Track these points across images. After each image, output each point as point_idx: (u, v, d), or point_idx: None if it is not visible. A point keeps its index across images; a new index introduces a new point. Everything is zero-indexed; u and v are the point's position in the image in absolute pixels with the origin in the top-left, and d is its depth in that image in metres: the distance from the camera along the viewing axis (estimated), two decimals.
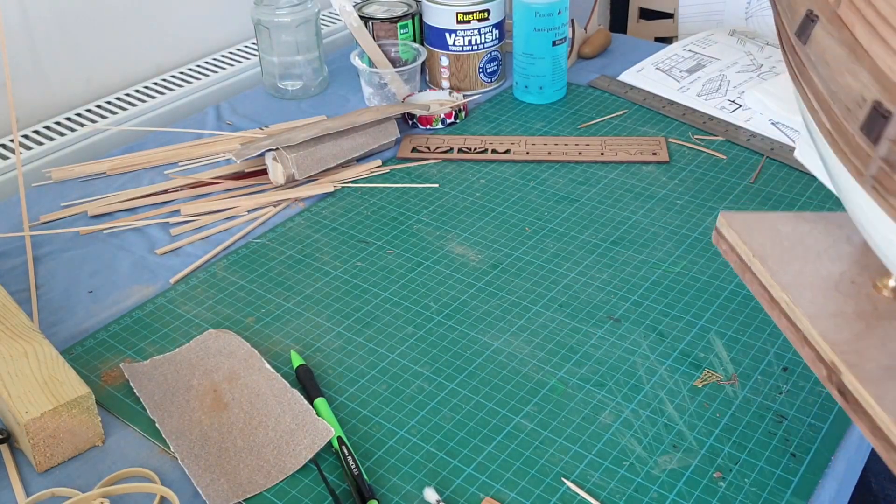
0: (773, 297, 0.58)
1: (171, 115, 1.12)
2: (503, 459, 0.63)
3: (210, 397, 0.68)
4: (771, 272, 0.59)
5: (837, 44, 0.49)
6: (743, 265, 0.62)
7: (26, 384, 0.64)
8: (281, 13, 1.09)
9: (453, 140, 1.02)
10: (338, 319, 0.76)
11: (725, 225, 0.64)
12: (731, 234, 0.63)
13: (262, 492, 0.61)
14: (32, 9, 1.04)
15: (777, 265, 0.60)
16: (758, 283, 0.60)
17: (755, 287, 0.60)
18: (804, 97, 0.55)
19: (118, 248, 0.86)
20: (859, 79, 0.46)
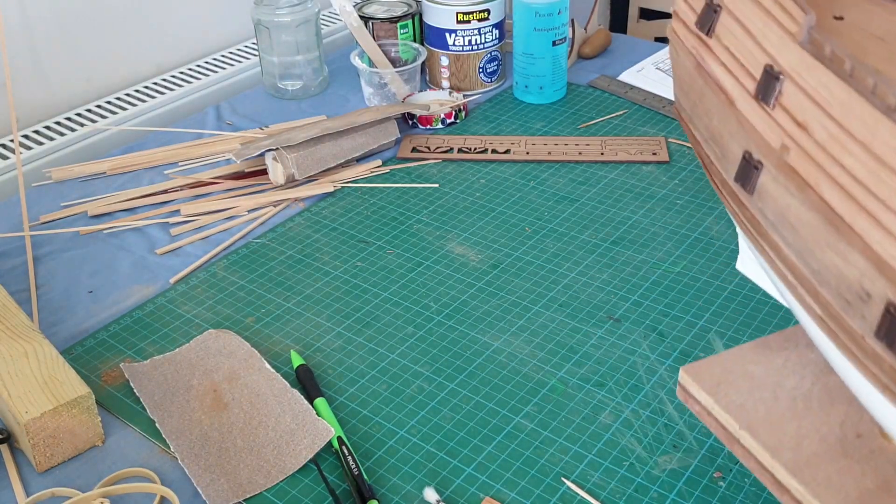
0: (779, 481, 0.51)
1: (171, 115, 1.12)
2: (503, 459, 0.63)
3: (210, 397, 0.68)
4: (769, 449, 0.51)
5: (803, 207, 0.44)
6: (728, 436, 0.54)
7: (26, 384, 0.64)
8: (281, 13, 1.09)
9: (453, 140, 1.02)
10: (338, 319, 0.76)
11: (692, 384, 0.57)
12: (702, 396, 0.56)
13: (262, 492, 0.61)
14: (32, 9, 1.04)
15: (769, 434, 0.52)
16: (754, 460, 0.53)
17: (750, 463, 0.53)
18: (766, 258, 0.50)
19: (118, 248, 0.86)
20: (850, 262, 0.41)
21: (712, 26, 0.55)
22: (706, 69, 0.55)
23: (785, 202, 0.47)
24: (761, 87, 0.49)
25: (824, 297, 0.44)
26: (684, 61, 0.58)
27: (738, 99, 0.52)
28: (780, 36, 0.48)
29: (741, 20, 0.52)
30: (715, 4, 0.55)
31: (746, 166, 0.50)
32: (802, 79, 0.45)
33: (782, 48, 0.47)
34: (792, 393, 0.55)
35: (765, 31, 0.49)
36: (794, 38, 0.46)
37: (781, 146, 0.47)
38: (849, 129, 0.42)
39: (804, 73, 0.45)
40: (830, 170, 0.43)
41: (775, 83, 0.48)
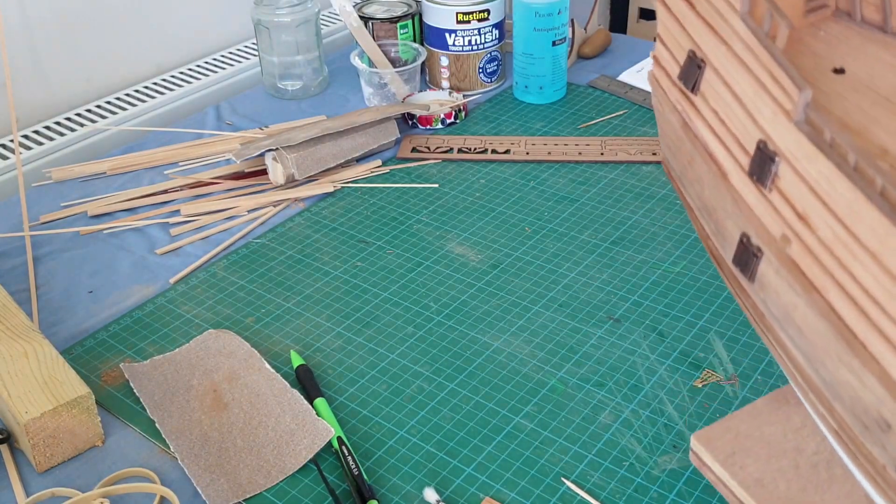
0: None
1: (171, 115, 1.12)
2: (503, 459, 0.63)
3: (210, 397, 0.68)
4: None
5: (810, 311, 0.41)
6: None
7: (26, 384, 0.64)
8: (281, 13, 1.09)
9: (453, 140, 1.02)
10: (338, 319, 0.76)
11: (705, 452, 0.53)
12: (716, 467, 0.52)
13: (262, 492, 0.61)
14: (32, 9, 1.04)
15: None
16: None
17: None
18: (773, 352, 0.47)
19: (118, 248, 0.86)
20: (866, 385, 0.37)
21: (697, 83, 0.50)
22: (693, 130, 0.51)
23: (790, 300, 0.43)
24: (756, 166, 0.45)
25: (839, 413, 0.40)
26: (669, 117, 0.54)
27: (731, 173, 0.48)
28: (773, 111, 0.44)
29: (729, 83, 0.48)
30: (698, 59, 0.50)
31: (745, 251, 0.47)
32: (800, 165, 0.42)
33: (776, 126, 0.43)
34: (813, 459, 0.50)
35: (756, 101, 0.45)
36: (789, 116, 0.42)
37: (782, 236, 0.43)
38: (856, 233, 0.38)
39: (802, 159, 0.41)
40: (838, 276, 0.39)
41: (770, 164, 0.44)
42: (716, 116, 0.49)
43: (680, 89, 0.52)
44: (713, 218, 0.51)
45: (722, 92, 0.48)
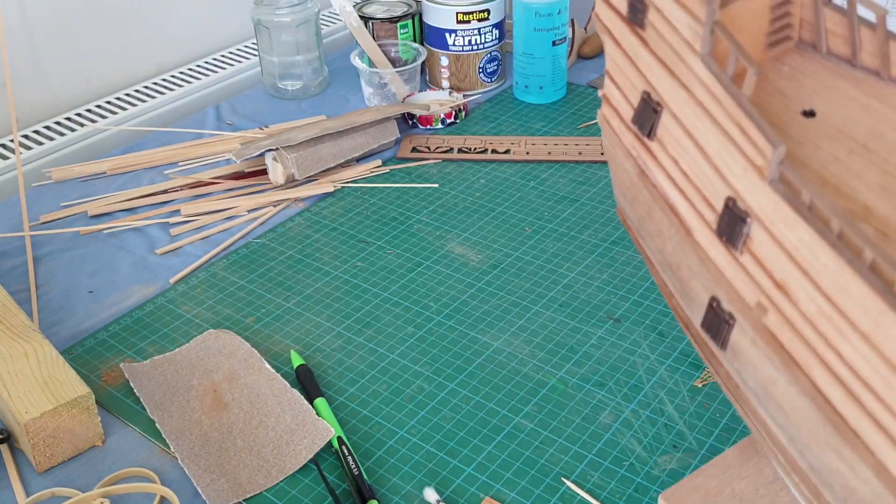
0: None
1: (171, 115, 1.12)
2: (503, 459, 0.63)
3: (210, 397, 0.68)
4: None
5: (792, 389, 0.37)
6: None
7: (26, 384, 0.64)
8: (281, 13, 1.09)
9: (453, 140, 1.02)
10: (338, 319, 0.76)
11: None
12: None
13: (262, 492, 0.61)
14: (32, 9, 1.04)
15: None
16: None
17: None
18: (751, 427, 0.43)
19: (118, 248, 0.86)
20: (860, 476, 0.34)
21: (653, 128, 0.46)
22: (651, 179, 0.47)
23: (768, 374, 0.39)
24: (725, 226, 0.41)
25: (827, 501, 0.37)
26: (623, 162, 0.50)
27: (696, 230, 0.44)
28: (742, 167, 0.39)
29: (690, 131, 0.43)
30: (654, 102, 0.46)
31: (715, 317, 0.42)
32: (776, 228, 0.38)
33: (747, 183, 0.39)
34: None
35: (722, 154, 0.41)
36: (761, 173, 0.38)
37: (757, 304, 0.39)
38: (843, 309, 0.34)
39: (778, 222, 0.37)
40: (823, 353, 0.35)
41: (741, 225, 0.39)
42: (676, 166, 0.45)
43: (634, 133, 0.48)
44: (678, 276, 0.47)
45: (682, 140, 0.44)
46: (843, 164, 0.41)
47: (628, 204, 0.52)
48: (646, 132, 0.46)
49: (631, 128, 0.48)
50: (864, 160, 0.41)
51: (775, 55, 0.48)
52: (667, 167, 0.45)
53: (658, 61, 0.45)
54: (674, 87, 0.44)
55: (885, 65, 0.43)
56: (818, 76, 0.46)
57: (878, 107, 0.43)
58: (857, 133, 0.42)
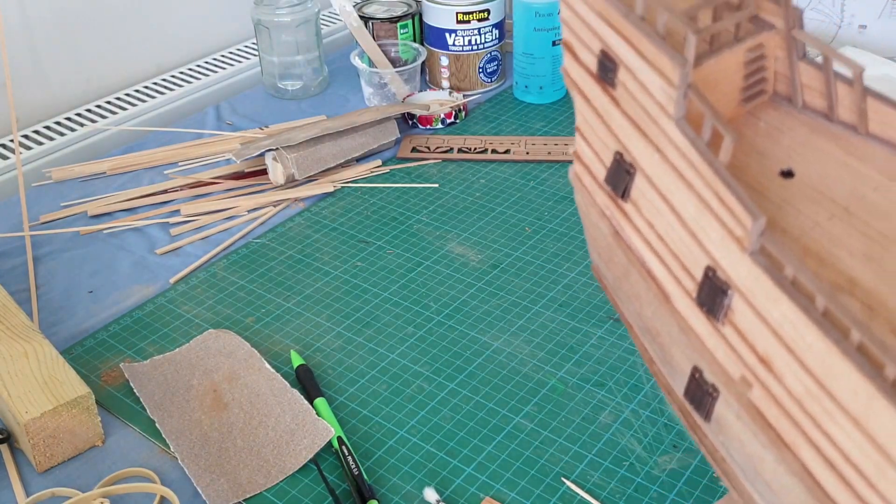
0: None
1: (171, 115, 1.12)
2: (503, 459, 0.63)
3: (210, 397, 0.68)
4: None
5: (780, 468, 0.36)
6: None
7: (26, 384, 0.64)
8: (281, 13, 1.09)
9: (453, 140, 1.02)
10: (338, 319, 0.76)
11: None
12: None
13: (262, 492, 0.61)
14: (32, 9, 1.04)
15: None
16: None
17: None
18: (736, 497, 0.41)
19: (118, 248, 0.86)
20: None
21: (627, 189, 0.44)
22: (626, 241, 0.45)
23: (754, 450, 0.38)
24: (705, 297, 0.39)
25: None
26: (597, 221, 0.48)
27: (674, 296, 0.42)
28: (720, 235, 0.38)
29: (665, 195, 0.42)
30: (627, 163, 0.44)
31: (698, 388, 0.41)
32: (758, 302, 0.36)
33: (726, 253, 0.38)
34: None
35: (700, 221, 0.39)
36: (741, 244, 0.37)
37: (741, 378, 0.38)
38: (831, 391, 0.33)
39: (760, 297, 0.36)
40: (812, 434, 0.34)
41: (722, 297, 0.38)
42: (652, 230, 0.43)
43: (608, 193, 0.46)
44: (657, 342, 0.45)
45: (657, 203, 0.42)
46: (825, 229, 0.40)
47: (603, 263, 0.50)
48: (619, 193, 0.45)
49: (604, 187, 0.47)
50: (845, 225, 0.40)
51: (750, 110, 0.46)
52: (642, 230, 0.44)
53: (630, 122, 0.44)
54: (647, 150, 0.43)
55: (862, 121, 0.42)
56: (795, 132, 0.45)
57: (857, 165, 0.42)
58: (837, 194, 0.41)
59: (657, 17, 0.41)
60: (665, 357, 0.45)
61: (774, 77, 0.46)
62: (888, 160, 0.42)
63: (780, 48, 0.45)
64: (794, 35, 0.44)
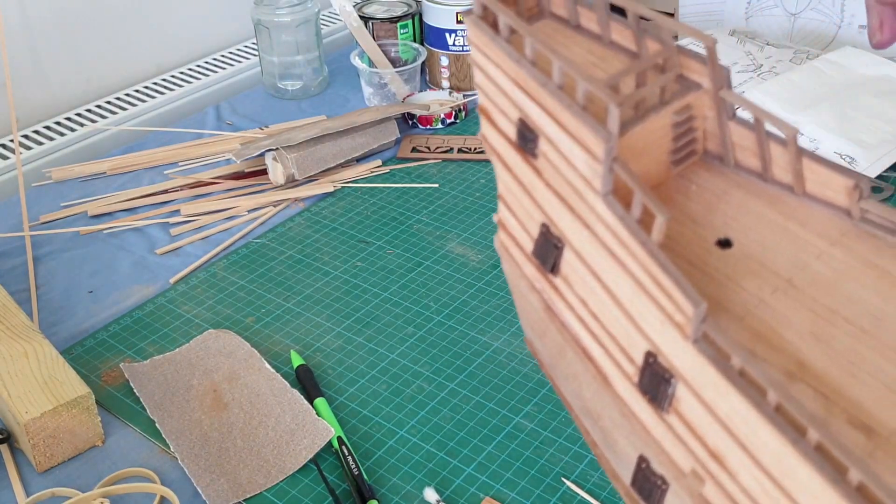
0: None
1: (171, 115, 1.12)
2: (503, 459, 0.63)
3: (210, 397, 0.68)
4: None
5: None
6: None
7: (26, 384, 0.64)
8: (281, 13, 1.09)
9: (453, 140, 1.02)
10: (338, 319, 0.76)
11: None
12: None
13: (262, 492, 0.61)
14: (32, 9, 1.04)
15: None
16: None
17: None
18: None
19: (118, 248, 0.86)
20: None
21: (556, 264, 0.42)
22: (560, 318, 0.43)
23: None
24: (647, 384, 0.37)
25: None
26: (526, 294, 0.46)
27: (614, 380, 0.40)
28: (659, 320, 0.36)
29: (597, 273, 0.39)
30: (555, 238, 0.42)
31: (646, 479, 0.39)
32: (705, 393, 0.34)
33: (667, 339, 0.36)
34: None
35: (636, 303, 0.37)
36: (682, 331, 0.34)
37: (692, 472, 0.36)
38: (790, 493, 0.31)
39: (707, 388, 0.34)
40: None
41: (666, 385, 0.36)
42: (585, 308, 0.41)
43: (536, 266, 0.44)
44: (599, 425, 0.43)
45: (589, 281, 0.40)
46: (769, 306, 0.37)
47: (537, 338, 0.48)
48: (548, 268, 0.43)
49: (532, 260, 0.44)
50: (790, 300, 0.37)
51: (681, 171, 0.44)
52: (575, 307, 0.41)
53: (555, 194, 0.41)
54: (575, 224, 0.40)
55: (798, 181, 0.41)
56: (730, 196, 0.42)
57: (797, 230, 0.40)
58: (779, 265, 0.39)
59: (576, 86, 0.38)
60: (608, 441, 0.42)
61: (704, 135, 0.44)
62: (827, 223, 0.40)
63: (709, 107, 0.43)
64: (723, 96, 0.42)
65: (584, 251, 0.40)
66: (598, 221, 0.39)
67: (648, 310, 0.36)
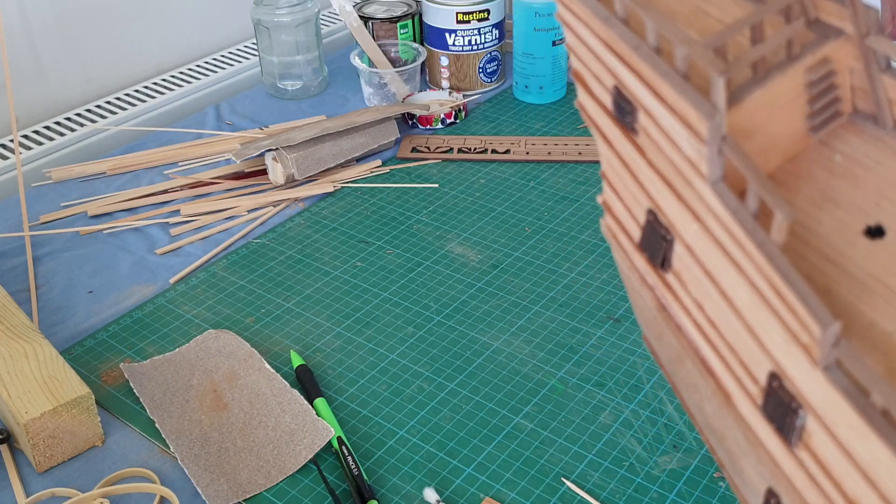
0: None
1: (171, 115, 1.12)
2: (503, 459, 0.63)
3: (210, 397, 0.68)
4: None
5: None
6: None
7: (26, 384, 0.64)
8: (281, 13, 1.09)
9: (453, 140, 1.02)
10: (338, 319, 0.76)
11: None
12: None
13: (262, 492, 0.61)
14: (32, 9, 1.04)
15: None
16: None
17: None
18: None
19: (118, 248, 0.86)
20: None
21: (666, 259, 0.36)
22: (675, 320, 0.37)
23: None
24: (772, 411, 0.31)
25: None
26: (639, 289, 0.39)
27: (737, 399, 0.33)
28: (784, 338, 0.29)
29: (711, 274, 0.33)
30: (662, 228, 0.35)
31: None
32: (840, 432, 0.28)
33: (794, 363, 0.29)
34: None
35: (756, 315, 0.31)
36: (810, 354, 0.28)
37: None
38: None
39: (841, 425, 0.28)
40: None
41: (794, 417, 0.30)
42: (702, 312, 0.34)
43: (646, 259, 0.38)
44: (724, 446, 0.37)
45: (703, 282, 0.33)
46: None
47: (654, 338, 0.42)
48: (658, 262, 0.36)
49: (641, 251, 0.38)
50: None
51: (823, 138, 0.36)
52: (691, 310, 0.35)
53: (660, 177, 0.35)
54: (683, 215, 0.34)
55: None
56: (884, 168, 0.33)
57: None
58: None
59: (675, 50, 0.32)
60: (734, 466, 0.37)
61: (852, 92, 0.36)
62: None
63: (855, 58, 0.35)
64: (870, 44, 0.34)
65: (695, 247, 0.33)
66: (709, 213, 0.32)
67: (770, 324, 0.30)
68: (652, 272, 0.37)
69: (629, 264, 0.40)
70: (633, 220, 0.38)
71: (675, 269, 0.35)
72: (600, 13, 0.35)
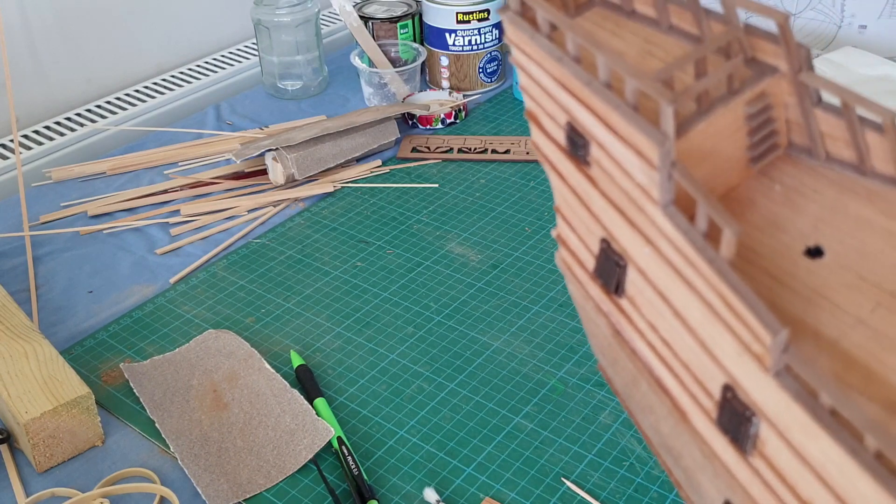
0: None
1: (171, 115, 1.12)
2: (503, 459, 0.63)
3: (210, 397, 0.68)
4: None
5: None
6: None
7: (26, 384, 0.64)
8: (281, 13, 1.09)
9: (453, 140, 1.02)
10: (338, 319, 0.76)
11: None
12: None
13: (262, 492, 0.61)
14: (32, 9, 1.04)
15: None
16: None
17: None
18: None
19: (118, 248, 0.86)
20: None
21: (620, 284, 0.37)
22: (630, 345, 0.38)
23: None
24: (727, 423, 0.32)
25: None
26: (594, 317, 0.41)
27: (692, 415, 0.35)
28: (736, 350, 0.31)
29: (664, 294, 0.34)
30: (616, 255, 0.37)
31: None
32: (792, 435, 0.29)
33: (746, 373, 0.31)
34: None
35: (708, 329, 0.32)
36: (761, 362, 0.29)
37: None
38: None
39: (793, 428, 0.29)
40: None
41: (747, 424, 0.31)
42: (655, 333, 0.36)
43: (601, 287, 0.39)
44: (681, 465, 0.38)
45: (656, 303, 0.35)
46: (869, 327, 0.31)
47: (609, 365, 0.43)
48: (612, 288, 0.38)
49: (596, 280, 0.40)
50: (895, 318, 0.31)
51: (762, 169, 0.38)
52: (645, 333, 0.36)
53: (612, 206, 0.36)
54: (636, 240, 0.35)
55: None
56: (820, 195, 0.36)
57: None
58: (881, 275, 0.32)
59: (625, 83, 0.34)
60: (691, 483, 0.38)
61: (787, 126, 0.38)
62: None
63: (789, 93, 0.37)
64: (804, 80, 0.36)
65: (648, 270, 0.35)
66: (661, 236, 0.34)
67: (722, 337, 0.31)
68: (606, 299, 0.40)
69: (584, 294, 0.42)
70: (586, 250, 0.41)
71: (628, 293, 0.38)
72: (553, 53, 0.38)
